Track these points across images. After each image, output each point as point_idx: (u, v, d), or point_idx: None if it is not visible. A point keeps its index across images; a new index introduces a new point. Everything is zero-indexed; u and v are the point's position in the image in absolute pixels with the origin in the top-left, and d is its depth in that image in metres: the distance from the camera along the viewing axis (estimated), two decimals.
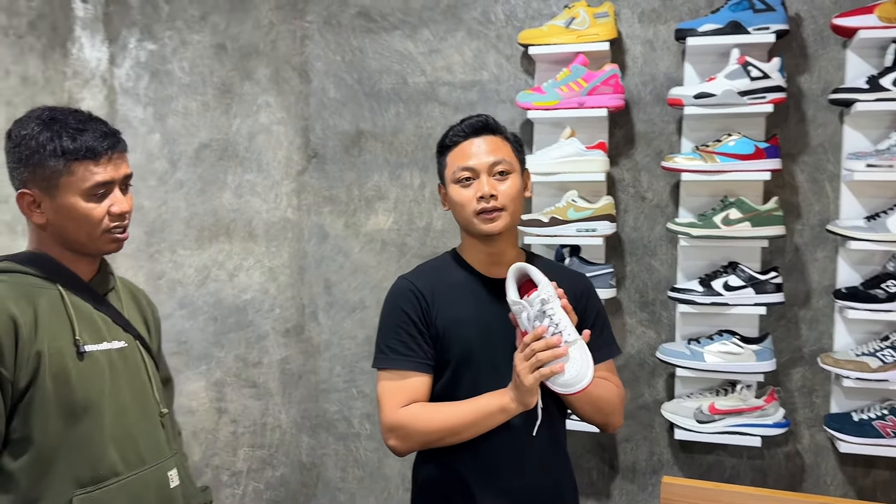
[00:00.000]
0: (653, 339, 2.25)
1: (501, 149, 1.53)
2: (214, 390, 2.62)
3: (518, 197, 1.53)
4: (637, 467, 2.27)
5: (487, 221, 1.50)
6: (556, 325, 1.36)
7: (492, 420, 1.43)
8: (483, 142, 1.52)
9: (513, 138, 1.58)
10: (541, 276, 1.41)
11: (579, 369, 1.34)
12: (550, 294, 1.38)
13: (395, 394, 1.50)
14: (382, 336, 1.56)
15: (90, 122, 1.33)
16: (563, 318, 1.37)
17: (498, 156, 1.51)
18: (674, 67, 2.20)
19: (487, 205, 1.48)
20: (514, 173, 1.53)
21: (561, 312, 1.37)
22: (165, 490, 1.40)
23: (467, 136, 1.53)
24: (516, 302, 1.41)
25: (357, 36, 2.45)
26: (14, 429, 1.26)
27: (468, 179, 1.51)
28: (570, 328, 1.37)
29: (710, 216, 2.06)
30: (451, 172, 1.53)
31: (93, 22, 2.67)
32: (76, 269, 1.37)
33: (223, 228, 2.59)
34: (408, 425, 1.47)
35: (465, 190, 1.51)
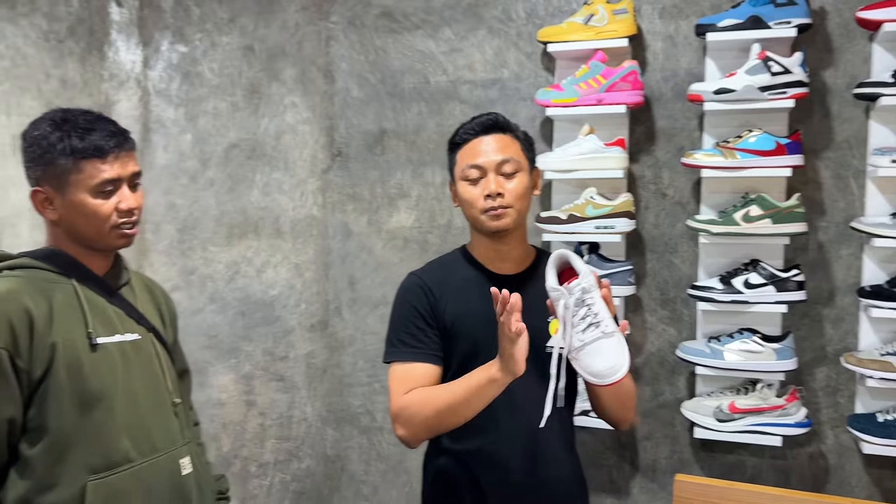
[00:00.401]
0: (673, 337, 2.24)
1: (510, 147, 1.55)
2: (243, 383, 2.68)
3: (525, 195, 1.55)
4: (657, 465, 2.26)
5: (494, 219, 1.52)
6: (594, 315, 1.36)
7: (484, 393, 1.42)
8: (492, 140, 1.54)
9: (523, 136, 1.59)
10: (582, 265, 1.41)
11: (615, 361, 1.34)
12: (591, 283, 1.37)
13: (401, 383, 1.53)
14: (392, 330, 1.59)
15: (98, 122, 1.39)
16: (603, 308, 1.36)
17: (506, 154, 1.53)
18: (695, 63, 2.18)
19: (494, 203, 1.51)
20: (521, 172, 1.54)
21: (601, 303, 1.37)
22: (178, 477, 1.46)
23: (477, 133, 1.56)
24: (555, 289, 1.40)
25: (380, 36, 2.49)
26: (30, 417, 1.32)
27: (476, 177, 1.53)
28: (608, 319, 1.36)
29: (730, 213, 2.04)
30: (460, 170, 1.56)
31: (127, 26, 2.76)
32: (90, 264, 1.44)
33: (251, 226, 2.65)
34: (409, 408, 1.49)
35: (472, 188, 1.54)
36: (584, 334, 1.37)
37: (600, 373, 1.34)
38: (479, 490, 1.55)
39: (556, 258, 1.46)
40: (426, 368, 1.53)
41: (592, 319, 1.35)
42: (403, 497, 2.51)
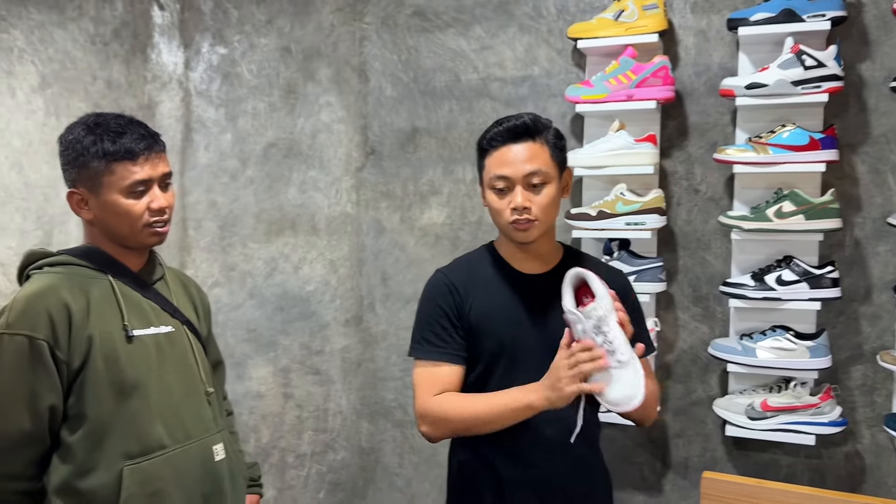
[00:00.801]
0: (706, 335, 2.22)
1: (539, 157, 1.51)
2: (281, 376, 2.75)
3: (552, 206, 1.54)
4: (689, 463, 2.25)
5: (520, 232, 1.52)
6: (609, 343, 1.35)
7: (518, 415, 1.46)
8: (520, 149, 1.51)
9: (553, 139, 1.55)
10: (600, 287, 1.40)
11: (630, 391, 1.35)
12: (607, 310, 1.37)
13: (427, 383, 1.55)
14: (418, 327, 1.62)
15: (130, 126, 1.45)
16: (619, 335, 1.36)
17: (534, 165, 1.50)
18: (728, 58, 2.16)
19: (521, 217, 1.50)
20: (549, 183, 1.52)
21: (616, 329, 1.36)
22: (210, 463, 1.52)
23: (505, 141, 1.52)
24: (572, 312, 1.40)
25: (412, 35, 2.52)
26: (70, 405, 1.40)
27: (503, 188, 1.52)
28: (623, 346, 1.35)
29: (762, 209, 2.02)
30: (488, 177, 1.55)
31: (169, 28, 2.85)
32: (126, 260, 1.50)
33: (288, 223, 2.71)
34: (438, 413, 1.53)
35: (499, 199, 1.53)
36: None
37: (615, 401, 1.36)
38: (500, 484, 1.57)
39: (572, 277, 1.44)
40: (451, 369, 1.56)
41: (609, 347, 1.35)
42: (436, 490, 2.55)
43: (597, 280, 1.41)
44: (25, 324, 1.36)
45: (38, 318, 1.36)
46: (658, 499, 2.28)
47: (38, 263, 1.48)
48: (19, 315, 1.37)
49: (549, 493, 1.56)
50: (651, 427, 2.25)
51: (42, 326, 1.36)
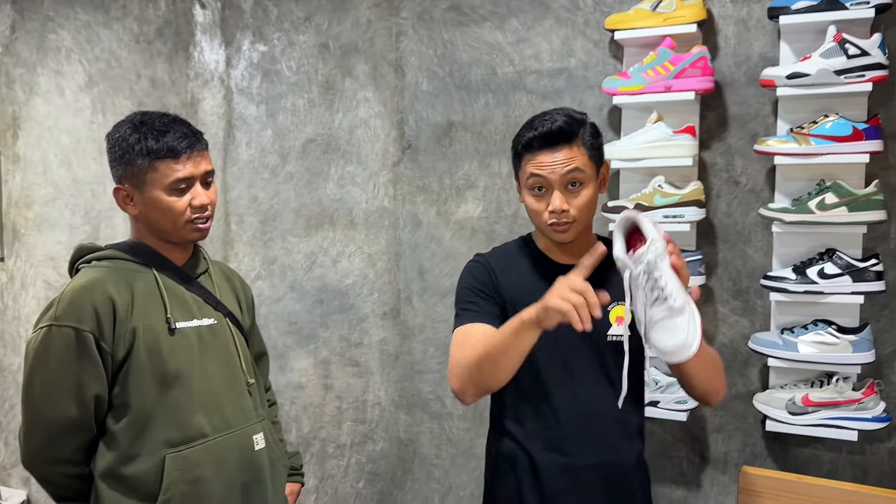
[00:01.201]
0: (746, 329, 2.19)
1: (576, 159, 1.50)
2: (321, 368, 2.80)
3: (591, 206, 1.53)
4: (728, 458, 2.22)
5: (558, 233, 1.52)
6: (661, 290, 1.28)
7: (517, 336, 1.39)
8: (557, 154, 1.50)
9: (589, 139, 1.53)
10: (651, 229, 1.32)
11: (685, 338, 1.26)
12: (658, 252, 1.29)
13: (460, 341, 1.54)
14: (458, 302, 1.62)
15: (173, 125, 1.49)
16: (671, 280, 1.28)
17: (571, 166, 1.49)
18: (769, 47, 2.12)
19: (559, 220, 1.50)
20: (587, 183, 1.51)
21: (668, 273, 1.28)
22: (250, 452, 1.56)
23: (540, 147, 1.51)
24: (620, 258, 1.33)
25: (448, 29, 2.53)
26: (115, 394, 1.45)
27: (541, 188, 1.51)
28: (677, 292, 1.27)
29: (804, 201, 1.98)
30: (525, 178, 1.54)
31: (211, 27, 2.90)
32: (170, 255, 1.55)
33: (327, 217, 2.75)
34: (458, 362, 1.50)
35: (537, 201, 1.52)
36: (651, 310, 1.29)
37: (670, 350, 1.27)
38: (537, 473, 1.58)
39: (623, 221, 1.36)
40: (485, 327, 1.53)
41: (660, 294, 1.27)
42: (473, 482, 2.57)
43: (648, 223, 1.33)
44: (72, 316, 1.41)
45: (84, 311, 1.42)
46: (696, 494, 2.26)
47: (86, 258, 1.54)
48: (66, 308, 1.42)
49: (585, 482, 1.56)
50: (690, 422, 2.23)
51: (88, 319, 1.41)
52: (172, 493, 1.45)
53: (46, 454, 1.46)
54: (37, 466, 1.48)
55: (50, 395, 1.42)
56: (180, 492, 1.46)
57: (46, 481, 1.50)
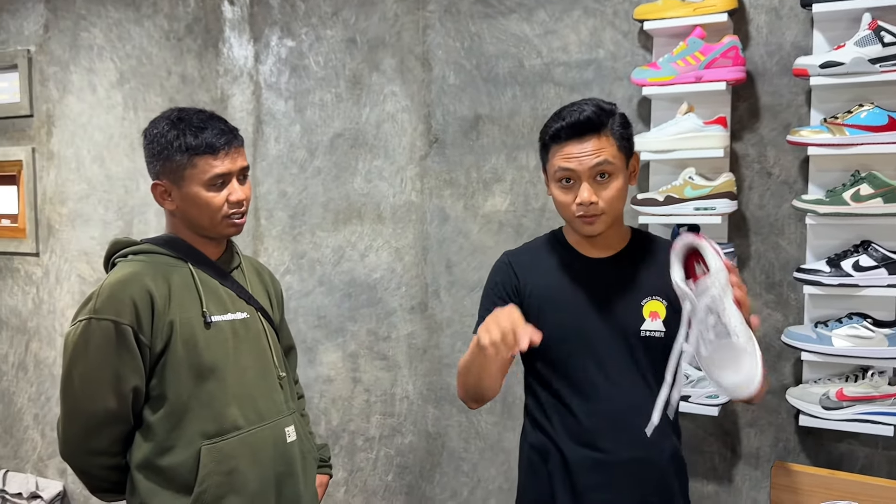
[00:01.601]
0: (779, 322, 2.16)
1: (604, 150, 1.49)
2: (350, 361, 2.81)
3: (620, 197, 1.52)
4: (761, 453, 2.20)
5: (586, 225, 1.52)
6: (725, 326, 1.23)
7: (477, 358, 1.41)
8: (586, 145, 1.48)
9: (618, 129, 1.52)
10: (714, 258, 1.26)
11: (747, 375, 1.23)
12: (722, 286, 1.24)
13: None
14: (481, 306, 1.66)
15: (211, 121, 1.51)
16: (735, 316, 1.24)
17: (600, 157, 1.48)
18: (802, 36, 2.08)
19: (587, 212, 1.49)
20: (616, 175, 1.50)
21: (732, 310, 1.24)
22: (282, 444, 1.58)
23: (569, 137, 1.50)
24: (681, 289, 1.28)
25: (475, 22, 2.52)
26: (152, 386, 1.48)
27: (569, 180, 1.51)
28: (740, 328, 1.23)
29: (839, 192, 1.95)
30: (553, 170, 1.54)
31: (239, 23, 2.92)
32: (205, 249, 1.57)
33: (355, 212, 2.76)
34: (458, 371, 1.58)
35: (564, 193, 1.52)
36: (713, 345, 1.26)
37: (732, 387, 1.24)
38: (569, 469, 1.57)
39: (682, 246, 1.32)
40: None
41: (723, 329, 1.23)
42: (501, 475, 2.57)
43: (711, 250, 1.26)
44: (111, 309, 1.44)
45: (122, 304, 1.44)
46: (728, 489, 2.24)
47: (123, 252, 1.56)
48: (105, 301, 1.45)
49: (618, 479, 1.55)
50: (722, 416, 2.21)
51: (127, 312, 1.44)
52: (208, 484, 1.47)
53: (84, 445, 1.49)
54: (75, 457, 1.52)
55: (89, 388, 1.45)
56: (215, 483, 1.48)
57: (84, 472, 1.53)
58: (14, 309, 3.53)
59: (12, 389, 3.57)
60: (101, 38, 3.20)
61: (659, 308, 1.56)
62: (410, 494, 2.73)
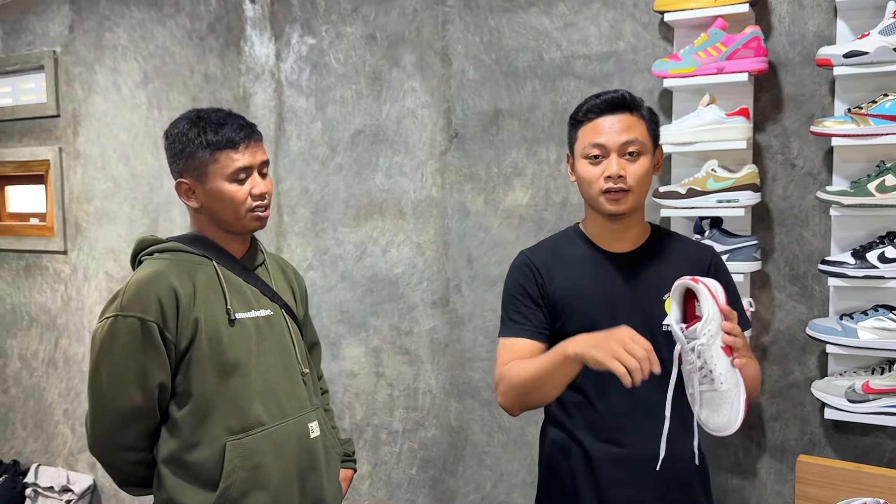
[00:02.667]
0: (804, 315, 2.14)
1: (635, 128, 1.52)
2: (373, 356, 2.83)
3: (646, 178, 1.53)
4: (786, 447, 2.18)
5: (612, 202, 1.51)
6: (710, 371, 1.30)
7: (559, 368, 1.41)
8: (617, 120, 1.51)
9: (648, 115, 1.56)
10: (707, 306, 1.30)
11: (727, 419, 1.33)
12: (712, 335, 1.30)
13: (506, 355, 1.59)
14: (503, 308, 1.66)
15: (229, 118, 1.54)
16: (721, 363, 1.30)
17: (631, 135, 1.50)
18: (825, 25, 2.06)
19: (615, 185, 1.49)
20: (645, 155, 1.52)
21: (719, 357, 1.30)
22: (306, 440, 1.60)
23: (602, 112, 1.53)
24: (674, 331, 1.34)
25: (494, 16, 2.52)
26: (178, 383, 1.50)
27: (597, 157, 1.52)
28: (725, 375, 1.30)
29: (863, 183, 1.92)
30: (582, 147, 1.55)
31: (261, 21, 2.95)
32: (229, 247, 1.59)
33: (376, 207, 2.78)
34: (504, 378, 1.55)
35: (593, 167, 1.53)
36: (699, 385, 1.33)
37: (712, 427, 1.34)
38: (591, 465, 1.57)
39: (678, 290, 1.35)
40: (530, 343, 1.57)
41: (708, 374, 1.31)
42: (525, 469, 2.58)
43: (707, 294, 1.31)
44: (137, 307, 1.47)
45: (148, 302, 1.47)
46: (752, 482, 2.23)
47: (149, 250, 1.59)
48: (132, 298, 1.47)
49: (641, 474, 1.55)
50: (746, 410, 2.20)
51: (153, 309, 1.46)
52: (233, 479, 1.49)
53: (111, 440, 1.52)
54: (102, 452, 1.55)
55: (116, 383, 1.48)
56: (240, 478, 1.50)
57: (111, 467, 1.56)
58: (43, 306, 3.60)
59: (43, 385, 3.65)
60: (125, 38, 3.25)
61: None
62: (434, 488, 2.75)
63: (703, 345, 1.29)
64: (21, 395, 3.73)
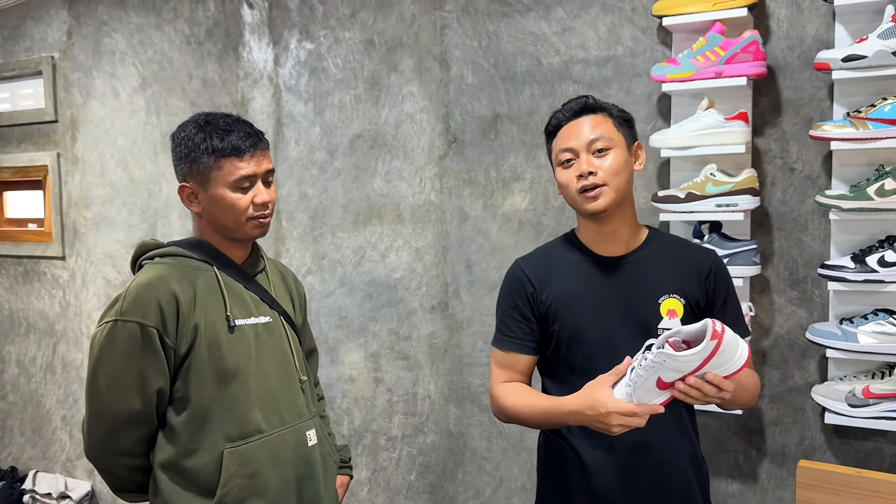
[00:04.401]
0: (804, 319, 2.14)
1: (601, 125, 1.55)
2: (372, 361, 2.83)
3: (620, 171, 1.54)
4: (786, 452, 2.18)
5: (590, 200, 1.53)
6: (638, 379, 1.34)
7: (564, 422, 1.51)
8: (582, 122, 1.56)
9: (617, 112, 1.60)
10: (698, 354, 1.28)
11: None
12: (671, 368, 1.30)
13: (498, 369, 1.67)
14: (497, 316, 1.71)
15: (236, 125, 1.53)
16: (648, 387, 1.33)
17: (596, 132, 1.54)
18: (823, 29, 2.06)
19: (587, 182, 1.52)
20: (615, 148, 1.54)
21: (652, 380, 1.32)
22: (304, 448, 1.59)
23: (567, 119, 1.58)
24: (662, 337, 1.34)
25: (493, 21, 2.52)
26: (176, 388, 1.49)
27: (569, 160, 1.55)
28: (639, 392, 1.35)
29: (862, 187, 1.92)
30: (555, 156, 1.60)
31: (259, 26, 2.95)
32: (230, 253, 1.59)
33: (375, 212, 2.77)
34: (497, 400, 1.64)
35: (567, 171, 1.56)
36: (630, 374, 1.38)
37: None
38: (587, 472, 1.57)
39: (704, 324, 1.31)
40: (519, 358, 1.64)
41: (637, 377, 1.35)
42: (524, 474, 2.57)
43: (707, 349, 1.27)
44: (137, 311, 1.46)
45: (148, 307, 1.46)
46: (753, 487, 2.22)
47: (150, 254, 1.58)
48: (132, 303, 1.47)
49: (637, 481, 1.55)
50: (747, 415, 2.19)
51: (152, 314, 1.45)
52: (230, 486, 1.48)
53: (109, 445, 1.51)
54: (99, 457, 1.54)
55: (114, 388, 1.47)
56: (237, 486, 1.49)
57: (107, 472, 1.55)
58: (42, 312, 3.59)
59: (41, 391, 3.64)
60: (124, 43, 3.25)
61: (676, 306, 1.56)
62: (433, 493, 2.74)
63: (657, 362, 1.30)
64: (19, 402, 3.72)
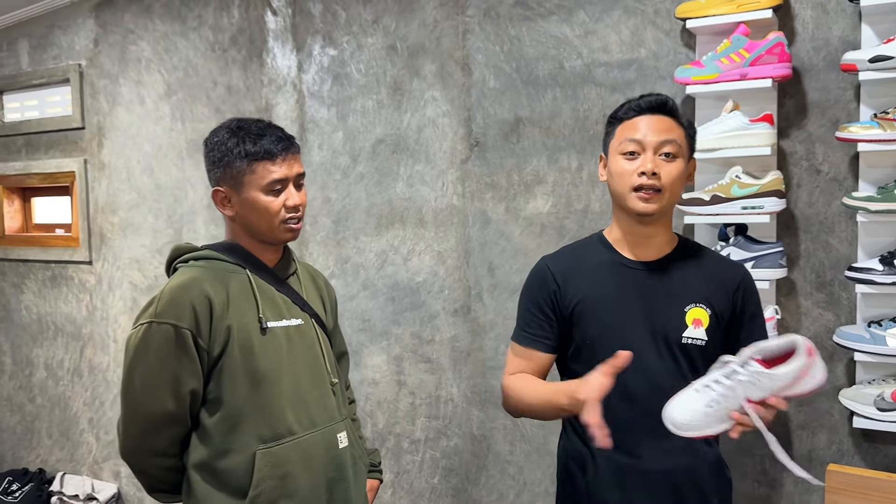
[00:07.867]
0: (831, 322, 2.12)
1: (674, 130, 1.53)
2: (395, 364, 2.84)
3: (680, 181, 1.53)
4: (814, 456, 2.16)
5: (643, 200, 1.50)
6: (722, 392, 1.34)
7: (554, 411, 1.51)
8: (657, 120, 1.53)
9: (687, 124, 1.57)
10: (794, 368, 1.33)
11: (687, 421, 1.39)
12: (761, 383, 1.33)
13: (514, 361, 1.66)
14: (518, 311, 1.69)
15: (268, 129, 1.56)
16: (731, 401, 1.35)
17: (669, 136, 1.51)
18: (849, 30, 2.04)
19: (647, 182, 1.49)
20: (681, 158, 1.52)
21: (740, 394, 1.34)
22: (334, 450, 1.60)
23: (642, 111, 1.54)
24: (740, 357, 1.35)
25: (515, 25, 2.52)
26: (209, 390, 1.51)
27: (633, 153, 1.52)
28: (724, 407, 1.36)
29: (890, 189, 1.90)
30: (618, 143, 1.55)
31: (283, 33, 2.97)
32: (262, 256, 1.61)
33: (398, 216, 2.79)
34: (505, 390, 1.64)
35: (627, 163, 1.52)
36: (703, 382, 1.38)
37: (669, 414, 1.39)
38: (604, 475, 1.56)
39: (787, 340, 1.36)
40: (536, 354, 1.63)
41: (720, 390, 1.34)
42: (548, 478, 2.56)
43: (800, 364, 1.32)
44: (171, 313, 1.48)
45: (182, 309, 1.48)
46: (780, 492, 2.20)
47: (184, 257, 1.61)
48: (166, 305, 1.49)
49: (656, 486, 1.54)
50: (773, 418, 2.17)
51: (186, 316, 1.47)
52: (262, 488, 1.50)
53: (143, 446, 1.53)
54: (133, 458, 1.56)
55: (148, 389, 1.49)
56: (269, 487, 1.51)
57: (142, 472, 1.58)
58: (69, 316, 3.65)
59: (68, 394, 3.69)
60: (149, 51, 3.29)
61: (702, 316, 1.54)
62: (457, 497, 2.75)
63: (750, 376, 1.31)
64: (47, 405, 3.77)
